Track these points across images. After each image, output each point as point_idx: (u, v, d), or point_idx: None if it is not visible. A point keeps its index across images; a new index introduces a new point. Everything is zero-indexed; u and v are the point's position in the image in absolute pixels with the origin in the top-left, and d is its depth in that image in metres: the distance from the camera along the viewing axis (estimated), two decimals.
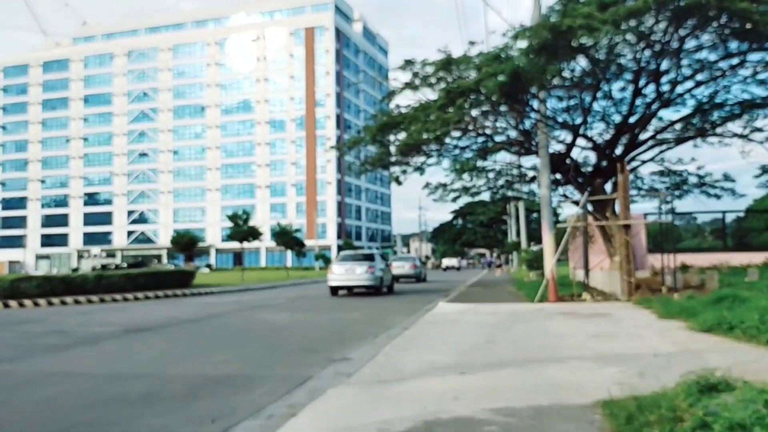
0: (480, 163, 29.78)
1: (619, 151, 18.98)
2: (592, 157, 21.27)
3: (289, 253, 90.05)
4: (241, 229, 34.68)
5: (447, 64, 18.30)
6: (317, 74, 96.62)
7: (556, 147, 20.96)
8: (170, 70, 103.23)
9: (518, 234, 79.07)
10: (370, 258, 23.18)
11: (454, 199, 30.52)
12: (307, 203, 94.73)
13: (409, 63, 20.16)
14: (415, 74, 20.65)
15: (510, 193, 31.02)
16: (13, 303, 20.00)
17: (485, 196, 31.19)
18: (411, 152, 26.19)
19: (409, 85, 20.28)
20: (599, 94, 18.41)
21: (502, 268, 55.09)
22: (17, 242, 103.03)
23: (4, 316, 15.49)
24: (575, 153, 20.96)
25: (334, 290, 22.42)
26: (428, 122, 17.25)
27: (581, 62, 17.21)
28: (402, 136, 23.20)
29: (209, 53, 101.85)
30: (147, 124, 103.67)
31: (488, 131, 22.23)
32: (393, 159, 25.24)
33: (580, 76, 17.54)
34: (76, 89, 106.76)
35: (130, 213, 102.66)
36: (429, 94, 21.46)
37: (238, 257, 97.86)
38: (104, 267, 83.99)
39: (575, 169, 19.80)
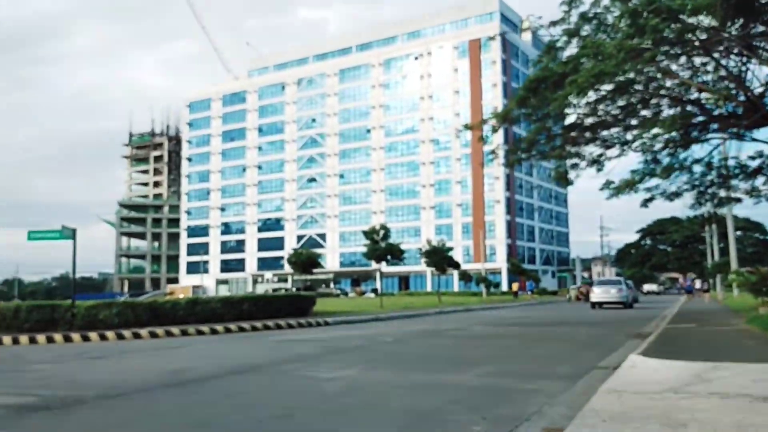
0: (682, 155, 22.62)
1: None
2: None
3: (455, 277, 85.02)
4: (378, 246, 29.97)
5: None
6: (483, 87, 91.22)
7: None
8: (336, 94, 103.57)
9: (721, 253, 67.12)
10: (619, 282, 33.37)
11: (645, 203, 23.41)
12: (473, 224, 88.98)
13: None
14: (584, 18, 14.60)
15: (723, 194, 23.16)
16: (93, 335, 16.67)
17: (687, 199, 23.58)
18: (581, 135, 19.86)
19: (572, 32, 14.31)
20: None
21: (708, 294, 45.26)
22: (202, 268, 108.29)
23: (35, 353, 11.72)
24: None
25: (593, 305, 31.88)
26: (604, 58, 11.10)
27: None
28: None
29: (374, 75, 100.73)
30: (315, 150, 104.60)
31: (690, 94, 15.48)
32: (557, 144, 19.14)
33: None
34: (251, 119, 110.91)
35: (299, 238, 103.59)
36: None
37: (404, 281, 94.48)
38: (275, 291, 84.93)
39: None
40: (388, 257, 30.86)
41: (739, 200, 23.64)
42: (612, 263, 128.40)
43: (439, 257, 37.68)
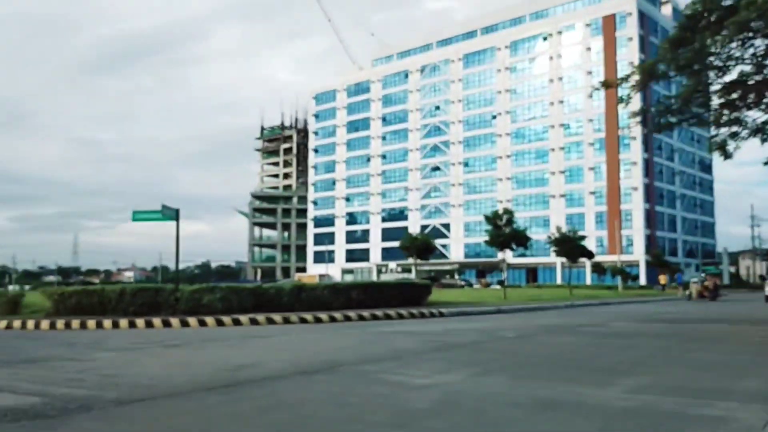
0: None
1: None
2: None
3: (588, 269, 79.95)
4: (501, 232, 27.39)
5: None
6: (619, 67, 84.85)
7: None
8: (461, 80, 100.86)
9: None
10: None
11: None
12: (608, 213, 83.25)
13: None
14: None
15: None
16: (192, 321, 15.83)
17: None
18: (744, 96, 16.50)
19: None
20: None
21: None
22: (327, 258, 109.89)
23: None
24: None
25: None
26: None
27: None
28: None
29: (499, 58, 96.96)
30: (439, 138, 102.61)
31: None
32: (715, 106, 15.98)
33: None
34: (375, 109, 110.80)
35: (423, 228, 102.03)
36: None
37: (531, 273, 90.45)
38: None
39: None
40: (513, 245, 28.23)
41: None
42: (765, 257, 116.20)
43: (570, 246, 34.33)
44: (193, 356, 9.06)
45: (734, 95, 17.29)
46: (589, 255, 39.28)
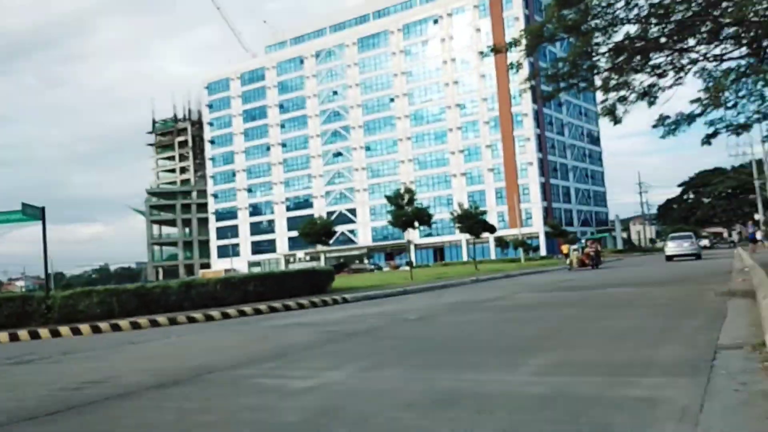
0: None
1: None
2: None
3: (492, 244, 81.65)
4: (403, 212, 26.80)
5: None
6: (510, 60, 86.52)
7: None
8: (356, 64, 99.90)
9: None
10: (690, 237, 36.81)
11: (708, 139, 19.98)
12: (507, 188, 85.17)
13: None
14: None
15: None
16: (65, 330, 14.09)
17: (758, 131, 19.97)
18: (629, 60, 16.45)
19: None
20: None
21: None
22: (233, 252, 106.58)
23: None
24: None
25: (669, 258, 33.97)
26: None
27: None
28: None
29: (393, 42, 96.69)
30: (339, 123, 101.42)
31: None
32: (603, 71, 15.86)
33: None
34: (272, 97, 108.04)
35: (329, 214, 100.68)
36: None
37: (439, 253, 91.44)
38: None
39: None
40: (416, 223, 27.72)
41: None
42: (653, 221, 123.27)
43: (473, 222, 34.32)
44: (36, 374, 7.65)
45: (621, 58, 17.27)
46: (491, 229, 39.58)
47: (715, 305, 9.56)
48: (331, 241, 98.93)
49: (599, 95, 19.48)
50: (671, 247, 35.27)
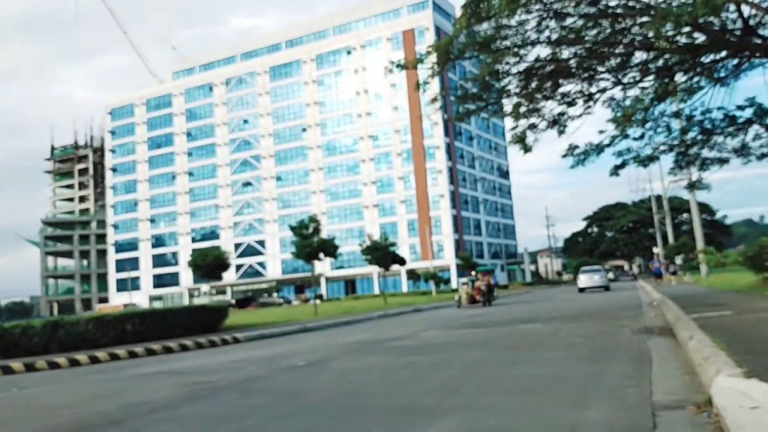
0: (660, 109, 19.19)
1: None
2: None
3: (404, 277, 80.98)
4: (308, 242, 25.25)
5: None
6: (420, 78, 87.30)
7: None
8: (268, 93, 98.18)
9: (679, 235, 65.11)
10: (600, 270, 39.19)
11: (616, 170, 19.80)
12: (419, 220, 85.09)
13: None
14: None
15: (708, 154, 19.54)
16: None
17: (667, 162, 20.02)
18: (539, 87, 15.87)
19: None
20: None
21: (674, 276, 40.99)
22: (132, 285, 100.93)
23: None
24: None
25: (582, 289, 35.98)
26: None
27: None
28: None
29: (306, 71, 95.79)
30: (249, 152, 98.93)
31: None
32: (513, 95, 15.17)
33: None
34: (179, 124, 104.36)
35: (237, 246, 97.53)
36: None
37: (350, 285, 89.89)
38: None
39: None
40: (322, 255, 26.17)
41: (725, 161, 20.02)
42: (559, 254, 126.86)
43: (382, 253, 33.08)
44: None
45: (532, 85, 16.71)
46: (401, 261, 38.52)
47: (635, 345, 8.62)
48: (238, 274, 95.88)
49: (509, 122, 18.93)
50: (583, 280, 36.85)
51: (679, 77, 17.51)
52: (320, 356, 10.53)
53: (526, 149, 18.64)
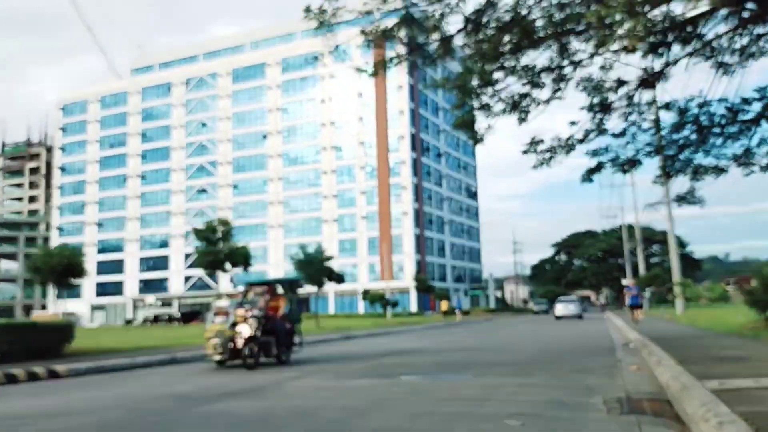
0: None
1: None
2: None
3: (360, 297, 76.07)
4: (213, 249, 20.35)
5: None
6: (388, 88, 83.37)
7: None
8: (229, 96, 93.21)
9: (649, 267, 61.56)
10: (575, 300, 44.96)
11: (589, 175, 15.54)
12: (380, 238, 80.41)
13: None
14: None
15: (702, 161, 15.19)
16: None
17: (651, 169, 15.72)
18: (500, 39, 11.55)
19: None
20: None
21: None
22: (70, 293, 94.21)
23: None
24: None
25: (558, 318, 40.95)
26: None
27: None
28: None
29: (270, 75, 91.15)
30: (206, 157, 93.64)
31: None
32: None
33: None
34: (134, 124, 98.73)
35: (187, 256, 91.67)
36: None
37: (304, 303, 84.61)
38: (156, 318, 72.89)
39: None
40: (228, 265, 21.27)
41: (723, 170, 15.51)
42: (526, 281, 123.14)
43: (315, 269, 28.13)
44: None
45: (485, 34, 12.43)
46: (338, 279, 33.60)
47: None
48: (186, 286, 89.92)
49: (456, 98, 14.55)
50: (560, 309, 41.61)
51: (678, 50, 13.27)
52: (132, 414, 5.72)
53: (476, 139, 14.28)
